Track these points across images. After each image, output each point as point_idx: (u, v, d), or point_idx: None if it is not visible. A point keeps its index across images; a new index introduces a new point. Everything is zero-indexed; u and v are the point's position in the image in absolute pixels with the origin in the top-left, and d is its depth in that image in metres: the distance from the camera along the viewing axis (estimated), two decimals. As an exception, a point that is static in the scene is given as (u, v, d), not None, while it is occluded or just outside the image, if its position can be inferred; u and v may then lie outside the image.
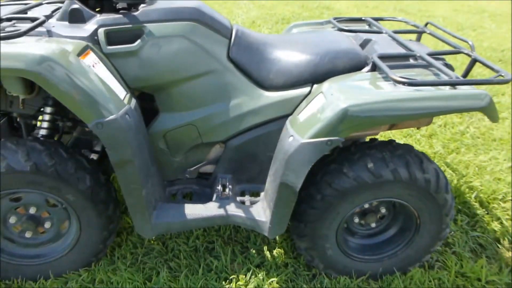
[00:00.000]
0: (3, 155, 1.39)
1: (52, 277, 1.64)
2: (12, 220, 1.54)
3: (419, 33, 2.01)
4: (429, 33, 1.94)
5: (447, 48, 1.77)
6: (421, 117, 1.41)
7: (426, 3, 7.02)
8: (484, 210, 2.19)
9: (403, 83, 1.38)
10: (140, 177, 1.43)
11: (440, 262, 1.85)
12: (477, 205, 2.22)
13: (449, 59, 1.87)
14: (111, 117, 1.31)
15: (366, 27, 2.08)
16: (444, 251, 1.91)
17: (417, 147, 2.73)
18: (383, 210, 1.70)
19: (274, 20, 5.31)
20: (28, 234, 1.59)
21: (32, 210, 1.55)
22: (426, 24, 2.02)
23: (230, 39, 1.64)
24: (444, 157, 2.63)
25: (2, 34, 1.29)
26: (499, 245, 1.97)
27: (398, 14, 6.19)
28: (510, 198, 2.26)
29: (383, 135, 2.74)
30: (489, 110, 1.39)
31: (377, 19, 2.14)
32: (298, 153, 1.39)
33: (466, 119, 3.12)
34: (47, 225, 1.59)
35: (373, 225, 1.73)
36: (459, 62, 3.93)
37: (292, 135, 1.43)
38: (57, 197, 1.49)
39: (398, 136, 2.86)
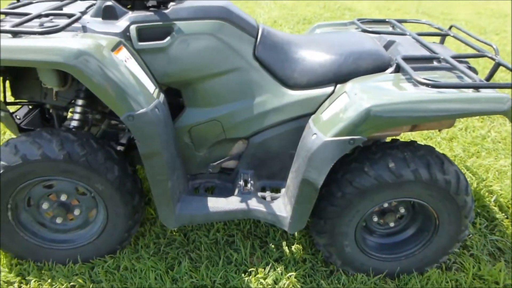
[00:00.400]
0: (39, 144, 1.46)
1: (80, 262, 1.71)
2: (45, 206, 1.62)
3: (443, 36, 2.02)
4: (453, 36, 1.94)
5: (471, 51, 1.78)
6: (443, 119, 1.42)
7: (449, 6, 6.95)
8: (503, 214, 2.18)
9: (427, 85, 1.40)
10: (167, 169, 1.49)
11: (458, 264, 1.86)
12: (496, 209, 2.21)
13: (472, 62, 1.87)
14: (142, 110, 1.36)
15: (390, 29, 2.09)
16: (462, 253, 1.92)
17: (438, 149, 2.72)
18: (402, 210, 1.72)
19: (296, 20, 5.34)
20: (58, 220, 1.66)
21: (63, 197, 1.63)
22: (450, 27, 2.03)
23: (256, 38, 1.69)
24: (464, 160, 2.62)
25: (41, 30, 1.36)
26: (518, 249, 1.97)
27: (420, 17, 6.15)
28: (530, 203, 2.25)
29: (404, 137, 2.74)
30: (511, 114, 1.40)
31: (400, 21, 2.15)
32: (321, 150, 1.42)
33: (487, 123, 3.10)
34: (77, 212, 1.66)
35: (392, 224, 1.75)
36: (481, 66, 3.89)
37: (315, 133, 1.47)
38: (87, 185, 1.56)
39: (419, 138, 2.86)
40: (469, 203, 1.59)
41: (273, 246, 1.88)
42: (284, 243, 1.90)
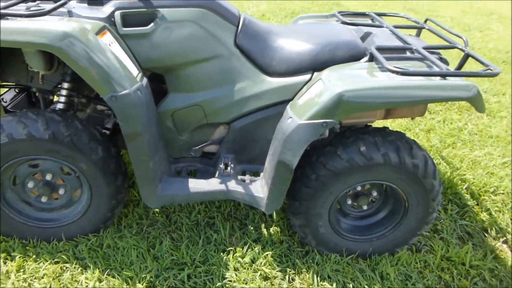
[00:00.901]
0: (25, 123, 1.52)
1: (64, 240, 1.77)
2: (30, 184, 1.68)
3: (419, 29, 2.11)
4: (428, 29, 2.04)
5: (444, 43, 1.86)
6: (411, 104, 1.51)
7: (435, 4, 7.06)
8: (474, 201, 2.28)
9: (397, 73, 1.47)
10: (148, 150, 1.55)
11: (428, 247, 1.95)
12: (468, 196, 2.32)
13: (446, 55, 1.96)
14: (125, 91, 1.43)
15: (369, 21, 2.17)
16: (432, 237, 2.01)
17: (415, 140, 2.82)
18: (374, 194, 1.81)
19: (284, 14, 5.41)
20: (43, 199, 1.72)
21: (48, 177, 1.68)
22: (425, 21, 2.11)
23: (237, 27, 1.75)
24: (440, 150, 2.73)
25: (28, 13, 1.41)
26: (486, 234, 2.07)
27: (407, 13, 6.25)
28: (501, 191, 2.35)
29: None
30: (476, 101, 1.49)
31: (380, 14, 2.23)
32: (296, 133, 1.50)
33: (465, 116, 3.20)
34: (61, 191, 1.72)
35: (365, 207, 1.84)
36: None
37: (291, 117, 1.54)
38: (71, 165, 1.61)
39: (397, 129, 2.95)
40: (436, 187, 1.68)
41: (252, 228, 1.96)
42: (262, 225, 1.98)
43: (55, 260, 1.69)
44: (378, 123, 2.80)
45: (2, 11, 1.41)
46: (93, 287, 1.59)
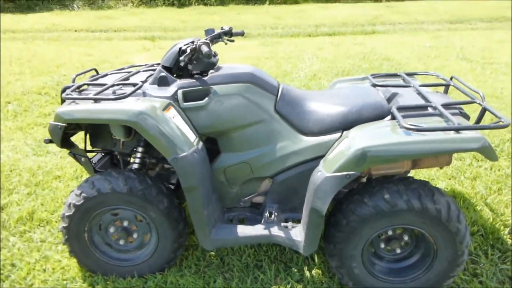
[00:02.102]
0: (109, 180, 1.94)
1: (136, 277, 2.12)
2: (111, 229, 2.08)
3: (446, 86, 2.31)
4: (453, 86, 2.24)
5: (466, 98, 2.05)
6: (425, 156, 1.72)
7: (491, 50, 7.05)
8: (518, 247, 2.32)
9: (412, 129, 1.71)
10: (202, 200, 1.90)
11: (465, 290, 2.03)
12: (510, 241, 2.35)
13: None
14: (183, 154, 1.81)
15: (400, 81, 2.42)
16: (471, 280, 2.09)
17: (459, 188, 2.91)
18: (406, 238, 1.97)
19: (335, 72, 5.77)
20: (121, 242, 2.11)
21: (125, 223, 2.08)
22: (451, 78, 2.32)
23: (276, 96, 2.10)
24: (485, 197, 2.78)
25: (114, 96, 1.88)
26: (528, 279, 2.10)
27: (460, 62, 6.33)
28: (547, 237, 2.36)
29: (423, 175, 2.97)
30: (485, 151, 1.66)
31: (410, 74, 2.48)
32: (324, 184, 1.76)
33: (513, 163, 3.22)
34: (135, 235, 2.10)
35: (398, 251, 2.00)
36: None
37: (320, 170, 1.82)
38: (143, 213, 2.00)
39: (442, 177, 3.05)
40: (462, 230, 1.81)
41: (295, 270, 2.18)
42: (305, 268, 2.20)
43: (130, 294, 2.05)
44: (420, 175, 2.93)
45: (95, 96, 1.90)
46: (159, 316, 1.90)
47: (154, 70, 2.37)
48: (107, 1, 14.86)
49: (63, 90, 2.17)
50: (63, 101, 2.19)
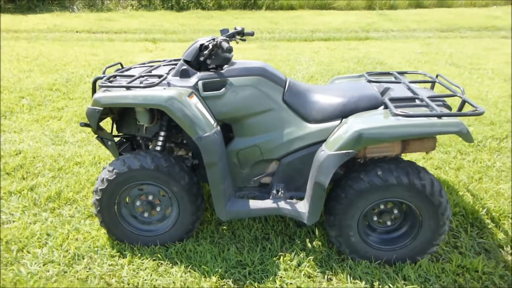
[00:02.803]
0: (138, 158, 2.22)
1: (159, 245, 2.40)
2: (137, 203, 2.36)
3: (432, 82, 2.63)
4: (438, 82, 2.56)
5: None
6: (413, 137, 2.02)
7: (479, 57, 7.44)
8: (494, 224, 2.63)
9: (401, 116, 2.02)
10: (220, 175, 2.18)
11: (447, 258, 2.34)
12: (489, 220, 2.67)
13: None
14: (206, 133, 2.09)
15: (392, 79, 2.73)
16: (452, 251, 2.39)
17: (444, 177, 3.23)
18: (395, 211, 2.27)
19: (331, 74, 6.09)
20: (146, 214, 2.38)
21: (150, 198, 2.35)
22: (437, 76, 2.64)
23: (284, 88, 2.40)
24: (467, 185, 3.10)
25: (143, 85, 2.16)
26: (502, 250, 2.41)
27: (449, 68, 6.69)
28: (520, 217, 2.68)
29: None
30: (462, 134, 1.97)
31: (401, 73, 2.80)
32: (326, 161, 2.06)
33: (494, 156, 3.55)
34: (158, 209, 2.38)
35: (389, 223, 2.30)
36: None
37: (323, 150, 2.11)
38: (167, 188, 2.28)
39: (429, 168, 3.37)
40: (443, 203, 2.12)
41: (298, 241, 2.47)
42: (307, 240, 2.49)
43: (153, 258, 2.32)
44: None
45: (128, 84, 2.18)
46: (181, 276, 2.18)
47: (173, 64, 2.66)
48: (107, 3, 15.10)
49: (95, 80, 2.45)
50: (94, 89, 2.47)
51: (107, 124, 3.64)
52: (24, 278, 2.16)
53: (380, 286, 2.14)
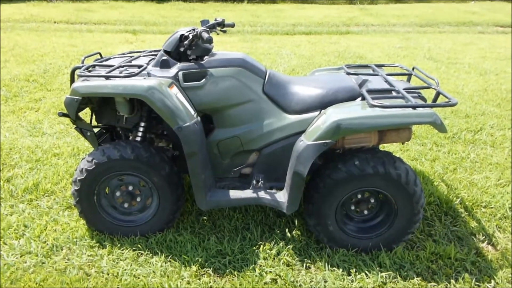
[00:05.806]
0: (118, 149, 2.21)
1: (139, 235, 2.40)
2: (117, 193, 2.35)
3: (409, 75, 2.70)
4: (414, 75, 2.62)
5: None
6: (388, 127, 2.07)
7: (457, 51, 7.60)
8: (467, 213, 2.72)
9: (378, 106, 2.06)
10: (200, 165, 2.19)
11: (421, 246, 2.41)
12: (462, 210, 2.76)
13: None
14: (187, 124, 2.10)
15: (370, 71, 2.78)
16: (426, 239, 2.47)
17: (420, 168, 3.31)
18: (372, 201, 2.33)
19: (311, 67, 6.14)
20: (126, 205, 2.38)
21: (130, 188, 2.35)
22: (413, 69, 2.70)
23: (264, 79, 2.42)
24: (441, 176, 3.19)
25: (123, 75, 2.15)
26: (474, 238, 2.50)
27: (426, 62, 6.83)
28: (491, 206, 2.78)
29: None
30: (436, 125, 2.03)
31: (379, 66, 2.85)
32: (305, 151, 2.10)
33: (468, 148, 3.66)
34: (138, 199, 2.37)
35: (366, 212, 2.35)
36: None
37: (302, 140, 2.15)
38: (147, 178, 2.28)
39: (406, 159, 3.45)
40: (418, 192, 2.18)
41: (278, 231, 2.51)
42: (287, 230, 2.52)
43: (133, 248, 2.32)
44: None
45: (108, 74, 2.16)
46: (161, 266, 2.19)
47: (153, 55, 2.65)
48: (85, -6, 14.80)
49: (73, 70, 2.42)
50: (72, 79, 2.44)
51: (86, 115, 3.60)
52: (0, 269, 2.13)
53: (357, 273, 2.19)
